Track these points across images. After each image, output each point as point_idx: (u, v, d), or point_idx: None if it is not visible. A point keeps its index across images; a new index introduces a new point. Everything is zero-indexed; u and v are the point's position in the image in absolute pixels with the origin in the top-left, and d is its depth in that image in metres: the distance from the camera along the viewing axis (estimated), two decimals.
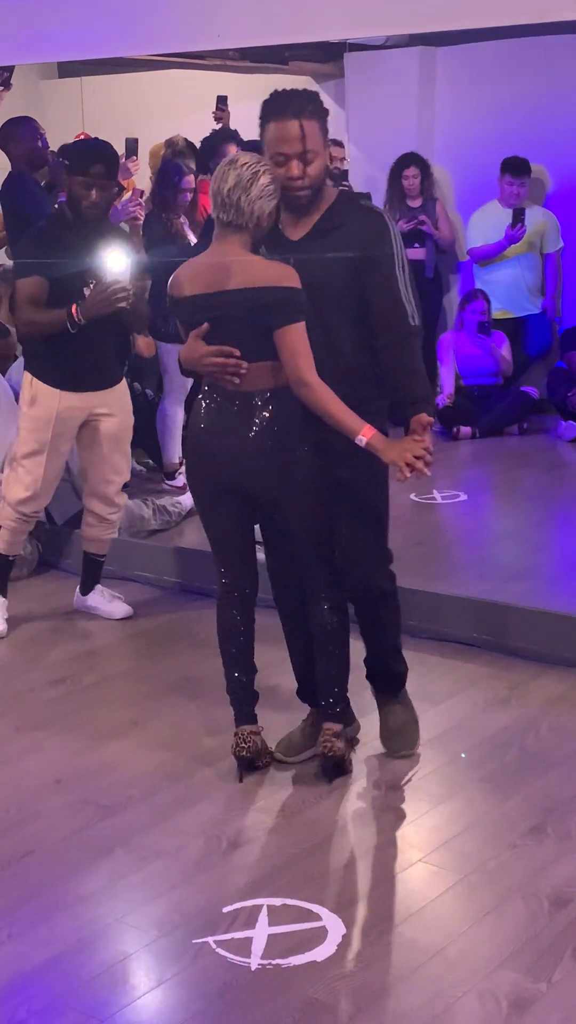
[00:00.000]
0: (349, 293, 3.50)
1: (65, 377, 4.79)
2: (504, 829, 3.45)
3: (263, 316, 3.40)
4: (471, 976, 2.83)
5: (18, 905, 3.15)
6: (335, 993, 2.80)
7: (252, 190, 3.38)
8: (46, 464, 4.87)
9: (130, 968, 2.90)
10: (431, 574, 5.29)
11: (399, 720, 3.93)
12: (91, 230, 4.70)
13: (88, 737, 4.08)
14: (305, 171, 3.45)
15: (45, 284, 4.67)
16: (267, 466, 3.50)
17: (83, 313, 4.61)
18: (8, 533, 5.01)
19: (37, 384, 4.84)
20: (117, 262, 4.62)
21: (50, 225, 4.88)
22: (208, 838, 3.44)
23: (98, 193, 4.67)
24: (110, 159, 4.75)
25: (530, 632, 4.61)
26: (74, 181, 4.70)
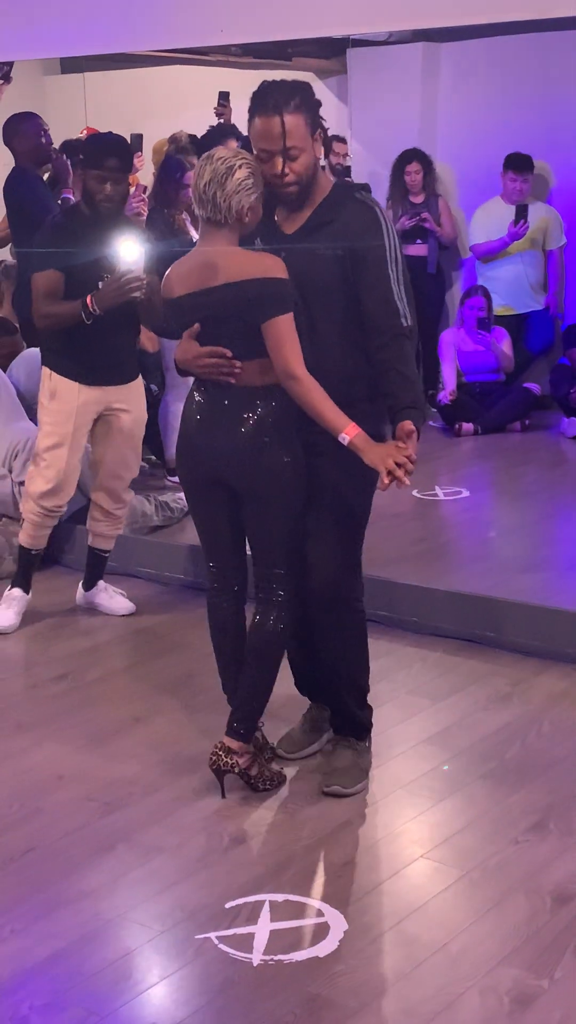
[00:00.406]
0: (337, 289, 3.43)
1: (84, 371, 4.80)
2: (506, 825, 3.45)
3: (250, 309, 3.36)
4: (473, 972, 2.83)
5: (20, 901, 3.16)
6: (337, 989, 2.80)
7: (227, 185, 3.33)
8: (67, 457, 4.86)
9: (132, 964, 2.91)
10: (433, 570, 5.30)
11: (344, 761, 3.72)
12: (106, 224, 4.68)
13: (90, 733, 4.09)
14: (289, 167, 3.37)
15: (61, 277, 4.67)
16: (254, 463, 3.46)
17: (98, 303, 4.59)
18: (31, 527, 4.99)
19: (57, 378, 4.84)
20: (131, 252, 4.59)
21: (65, 219, 4.87)
22: (210, 834, 3.44)
23: (112, 187, 4.65)
24: (124, 153, 4.74)
25: (532, 628, 4.61)
26: (88, 175, 4.69)
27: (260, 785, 3.65)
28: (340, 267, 3.42)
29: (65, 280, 4.68)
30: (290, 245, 3.46)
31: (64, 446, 4.85)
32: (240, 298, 3.35)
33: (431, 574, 5.18)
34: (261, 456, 3.46)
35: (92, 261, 4.65)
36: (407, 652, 4.64)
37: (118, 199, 4.72)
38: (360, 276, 3.41)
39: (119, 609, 5.14)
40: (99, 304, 4.59)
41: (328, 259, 3.42)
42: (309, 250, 3.42)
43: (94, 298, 4.59)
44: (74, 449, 4.88)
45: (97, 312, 4.60)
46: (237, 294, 3.35)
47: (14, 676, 4.57)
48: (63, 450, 4.85)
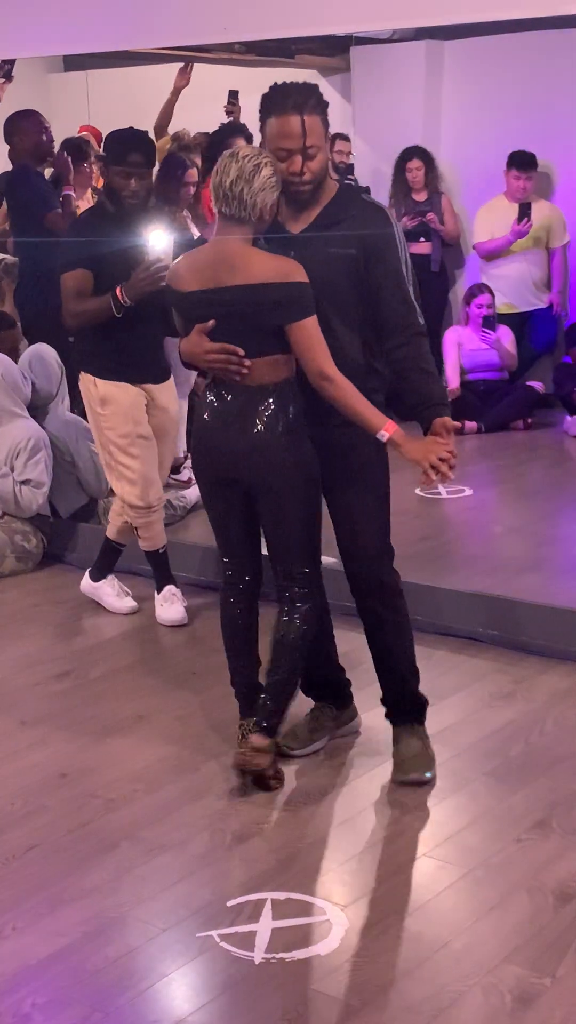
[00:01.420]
0: (349, 287, 3.46)
1: (124, 369, 4.77)
2: (509, 824, 3.45)
3: (270, 312, 3.38)
4: (476, 970, 2.83)
5: (24, 898, 3.16)
6: (339, 987, 2.80)
7: (255, 182, 3.36)
8: (140, 452, 4.82)
9: (135, 961, 2.91)
10: (436, 569, 5.29)
11: (412, 749, 3.74)
12: (133, 220, 4.66)
13: (94, 731, 4.09)
14: (307, 166, 3.42)
15: (89, 276, 4.64)
16: (269, 460, 3.49)
17: (127, 294, 4.55)
18: (144, 531, 4.95)
19: (102, 383, 4.80)
20: (159, 240, 4.57)
21: (91, 217, 4.87)
22: (213, 832, 3.44)
23: (137, 182, 4.63)
24: (148, 147, 4.72)
25: (536, 627, 4.61)
26: (112, 171, 4.67)
27: (273, 784, 3.65)
28: (354, 266, 3.46)
29: (95, 278, 4.64)
30: (298, 245, 3.49)
31: (133, 445, 4.81)
32: (260, 300, 3.38)
33: (434, 572, 5.18)
34: (275, 453, 3.48)
35: (120, 257, 4.60)
36: None
37: (143, 194, 4.69)
38: (376, 275, 3.46)
39: (121, 609, 5.12)
40: (129, 294, 4.56)
41: (341, 258, 3.46)
42: (321, 249, 3.45)
43: (124, 289, 4.56)
44: (143, 444, 4.83)
45: (127, 303, 4.56)
46: (256, 296, 3.38)
47: (17, 673, 4.57)
48: (134, 449, 4.81)
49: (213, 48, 7.41)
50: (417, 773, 3.68)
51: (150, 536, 4.97)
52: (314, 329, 3.38)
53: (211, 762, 3.82)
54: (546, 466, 7.29)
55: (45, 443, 5.66)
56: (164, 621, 4.97)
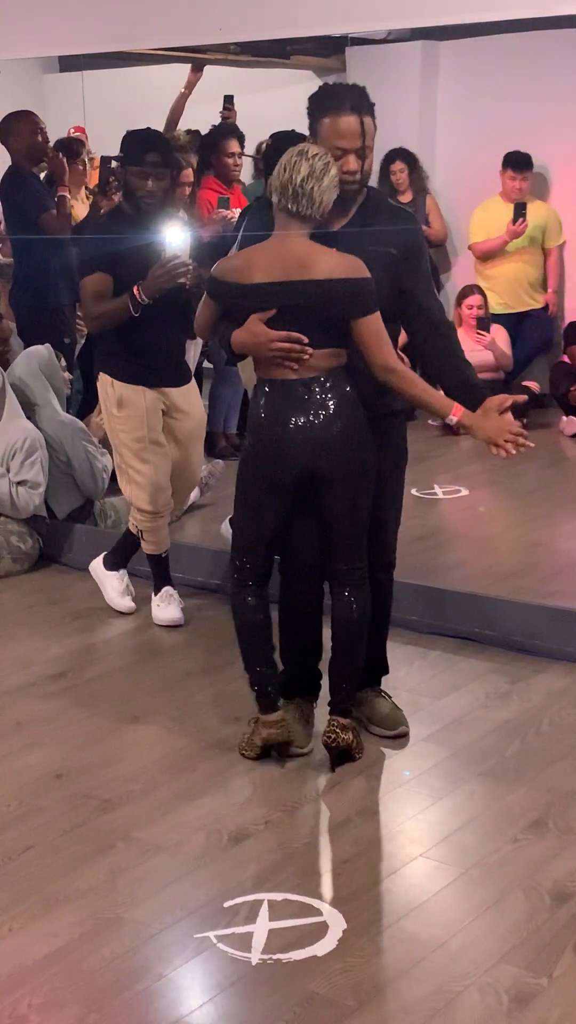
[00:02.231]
0: (386, 284, 3.57)
1: (145, 373, 4.76)
2: (505, 824, 3.45)
3: (339, 307, 3.49)
4: (472, 970, 2.83)
5: (19, 899, 3.15)
6: (336, 987, 2.80)
7: (324, 180, 3.47)
8: (152, 458, 4.82)
9: (131, 962, 2.90)
10: (432, 569, 5.29)
11: (387, 706, 4.03)
12: (151, 222, 4.65)
13: (89, 731, 4.08)
14: (360, 166, 3.57)
15: (109, 279, 4.63)
16: (336, 447, 3.58)
17: (145, 291, 4.55)
18: (148, 535, 4.95)
19: (120, 386, 4.78)
20: (176, 237, 4.57)
21: (109, 220, 4.86)
22: (209, 833, 3.44)
23: (154, 182, 4.63)
24: (165, 147, 4.72)
25: (531, 627, 4.61)
26: (129, 172, 4.66)
27: (357, 755, 3.80)
28: (393, 264, 3.60)
29: (114, 281, 4.63)
30: (349, 232, 3.63)
31: (146, 449, 4.81)
32: (329, 295, 3.48)
33: (430, 572, 5.18)
34: (346, 439, 3.59)
35: (139, 259, 4.59)
36: (406, 650, 4.64)
37: (160, 194, 4.68)
38: (411, 273, 3.65)
39: (120, 606, 5.11)
40: (146, 292, 4.55)
41: (381, 256, 3.59)
42: (362, 246, 3.57)
43: (141, 287, 4.55)
44: (155, 451, 4.82)
45: (144, 300, 4.56)
46: (326, 290, 3.48)
47: (12, 674, 4.57)
48: (146, 453, 4.81)
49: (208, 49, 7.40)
50: (403, 726, 3.96)
51: (155, 541, 4.97)
52: (378, 324, 3.51)
53: (207, 763, 3.81)
54: (542, 466, 7.28)
55: (41, 444, 5.65)
56: (161, 621, 4.96)
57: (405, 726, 3.97)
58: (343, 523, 3.68)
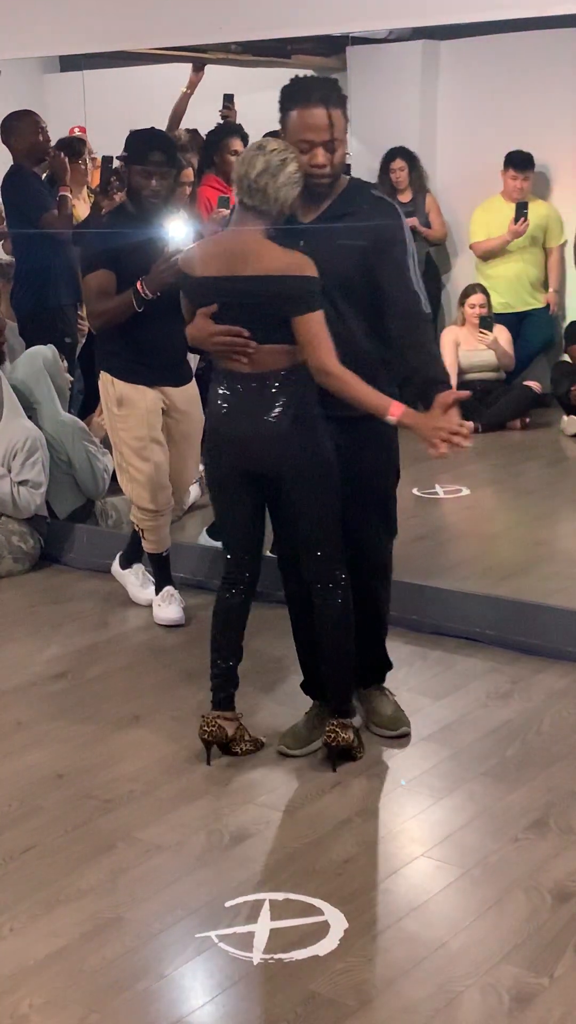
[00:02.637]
0: (358, 278, 3.54)
1: (145, 372, 4.78)
2: (506, 823, 3.44)
3: (280, 304, 3.44)
4: (473, 970, 2.83)
5: (20, 899, 3.15)
6: (337, 987, 2.79)
7: (280, 177, 3.42)
8: (152, 456, 4.83)
9: (132, 962, 2.90)
10: (433, 569, 5.29)
11: (391, 706, 4.01)
12: (154, 221, 4.66)
13: (90, 731, 4.08)
14: (329, 159, 3.51)
15: (112, 277, 4.65)
16: (286, 447, 3.53)
17: (148, 286, 4.55)
18: (149, 534, 4.97)
19: (120, 384, 4.80)
20: (179, 231, 4.57)
21: (112, 219, 4.88)
22: (210, 833, 3.44)
23: (158, 181, 4.64)
24: (169, 147, 4.73)
25: (532, 627, 4.61)
26: (133, 171, 4.67)
27: (358, 754, 3.80)
28: (363, 257, 3.54)
29: (118, 279, 4.64)
30: (309, 235, 3.56)
31: (146, 448, 4.82)
32: (268, 291, 3.44)
33: (431, 572, 5.17)
34: (286, 441, 3.53)
35: (142, 257, 4.60)
36: (407, 650, 4.64)
37: (164, 194, 4.70)
38: (382, 265, 3.54)
39: (140, 599, 5.15)
40: (150, 287, 4.56)
41: (351, 249, 3.53)
42: (331, 240, 3.53)
43: (144, 281, 4.56)
44: (155, 449, 4.83)
45: (148, 295, 4.56)
46: (265, 287, 3.44)
47: (14, 674, 4.57)
48: (146, 452, 4.82)
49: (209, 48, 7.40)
50: (405, 726, 3.95)
51: (156, 539, 4.98)
52: (318, 324, 3.43)
53: (207, 763, 3.81)
54: (543, 465, 7.29)
55: (42, 443, 5.66)
56: (162, 621, 4.96)
57: (407, 727, 3.97)
58: (301, 524, 3.64)
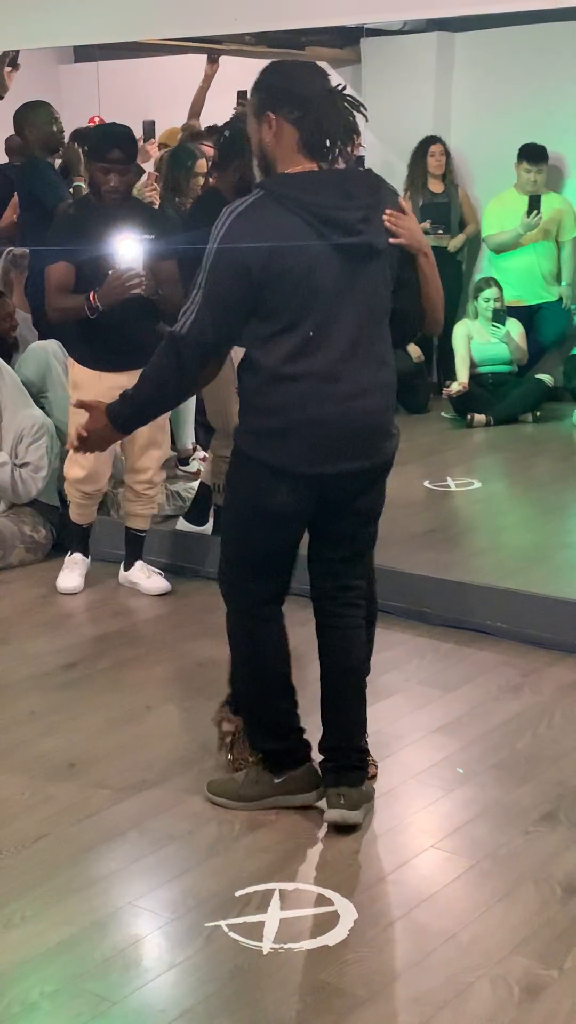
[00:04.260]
0: None
1: (103, 357, 4.88)
2: (517, 816, 3.45)
3: None
4: (483, 962, 2.84)
5: (32, 887, 3.17)
6: (347, 977, 2.80)
7: None
8: None
9: (143, 951, 2.91)
10: (444, 561, 5.29)
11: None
12: (116, 213, 4.75)
13: (102, 721, 4.09)
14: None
15: (71, 269, 4.77)
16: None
17: (100, 300, 4.70)
18: (75, 507, 5.24)
19: (78, 368, 4.96)
20: (130, 249, 4.67)
21: (76, 211, 4.98)
22: (221, 822, 3.45)
23: (117, 178, 4.74)
24: (128, 143, 4.80)
25: (544, 620, 4.61)
26: (93, 167, 4.77)
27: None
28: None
29: (77, 271, 4.77)
30: None
31: None
32: None
33: (443, 564, 5.18)
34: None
35: (102, 251, 4.70)
36: (418, 642, 4.65)
37: (124, 189, 4.80)
38: None
39: (154, 589, 5.21)
40: (101, 300, 4.71)
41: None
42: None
43: (97, 295, 4.70)
44: None
45: (99, 308, 4.71)
46: None
47: (25, 664, 4.58)
48: None
49: (223, 39, 7.41)
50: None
51: (80, 514, 5.26)
52: None
53: (218, 753, 3.82)
54: (555, 459, 7.28)
55: (49, 430, 5.67)
56: (63, 590, 5.22)
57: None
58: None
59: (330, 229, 3.11)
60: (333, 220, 3.11)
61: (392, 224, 3.21)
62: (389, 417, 3.30)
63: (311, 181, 3.16)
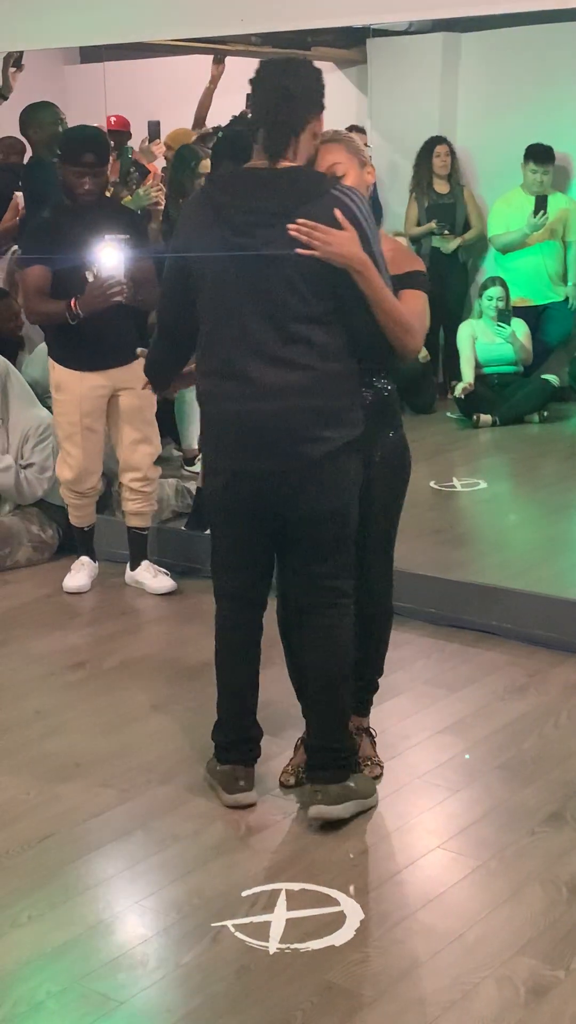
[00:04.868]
0: None
1: (82, 357, 4.93)
2: (523, 816, 3.45)
3: None
4: (489, 962, 2.83)
5: (37, 887, 3.17)
6: (353, 978, 2.80)
7: None
8: (83, 444, 5.03)
9: (149, 951, 2.92)
10: (450, 561, 5.29)
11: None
12: (91, 214, 4.80)
13: (108, 721, 4.10)
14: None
15: (48, 273, 4.82)
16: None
17: (81, 307, 4.76)
18: (73, 509, 5.27)
19: (59, 370, 4.99)
20: (111, 257, 4.72)
21: (52, 213, 5.00)
22: (227, 822, 3.45)
23: (91, 181, 4.80)
24: (100, 146, 4.88)
25: (549, 620, 4.61)
26: (67, 171, 4.84)
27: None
28: None
29: (53, 274, 4.81)
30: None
31: (78, 434, 5.01)
32: None
33: (449, 565, 5.18)
34: None
35: (79, 255, 4.76)
36: (424, 642, 4.64)
37: (98, 191, 4.86)
38: None
39: (160, 588, 5.22)
40: (82, 308, 4.76)
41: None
42: None
43: (78, 302, 4.74)
44: (88, 435, 5.03)
45: (80, 315, 4.75)
46: None
47: (32, 664, 4.59)
48: (77, 437, 5.02)
49: (229, 40, 7.40)
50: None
51: (79, 515, 5.28)
52: None
53: None
54: (561, 459, 7.28)
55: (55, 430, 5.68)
56: (69, 588, 5.23)
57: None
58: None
59: (227, 229, 3.17)
60: (231, 220, 3.16)
61: (298, 235, 3.09)
62: (306, 420, 3.21)
63: (239, 178, 3.26)
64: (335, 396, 3.25)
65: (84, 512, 5.27)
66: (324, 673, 3.42)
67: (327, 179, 3.23)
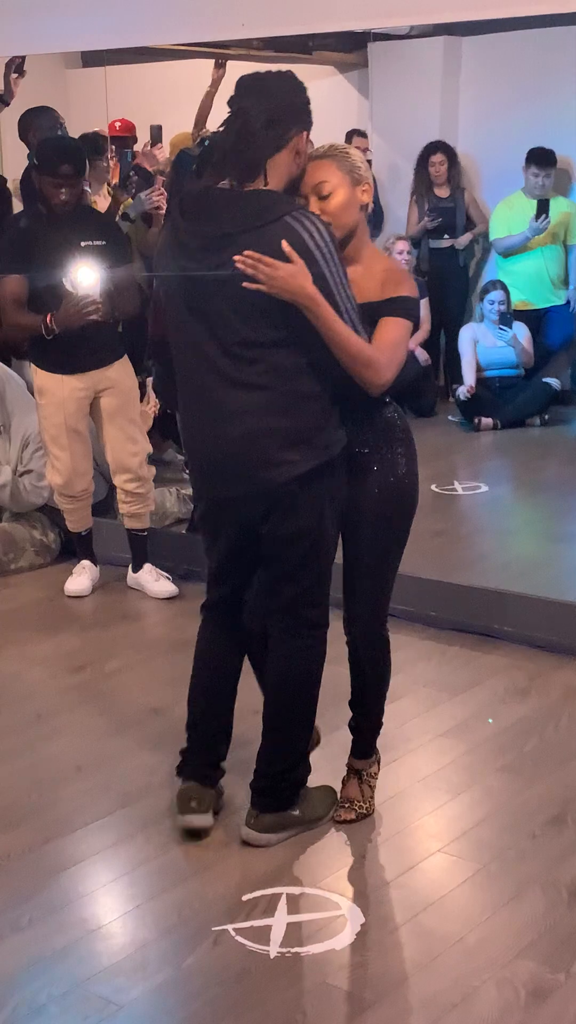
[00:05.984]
0: None
1: (61, 361, 4.96)
2: (523, 819, 3.45)
3: None
4: (490, 965, 2.83)
5: (38, 891, 3.17)
6: (353, 981, 2.81)
7: None
8: (70, 446, 5.07)
9: (149, 954, 2.92)
10: (451, 564, 5.30)
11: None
12: (67, 223, 4.85)
13: (109, 724, 4.10)
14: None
15: (24, 283, 4.86)
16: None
17: (57, 324, 4.80)
18: (67, 514, 5.30)
19: (41, 374, 5.04)
20: (87, 277, 4.76)
21: (29, 222, 5.03)
22: (227, 826, 3.45)
23: (68, 191, 4.84)
24: (77, 158, 4.91)
25: (550, 623, 4.61)
26: (44, 181, 4.87)
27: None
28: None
29: (30, 283, 4.84)
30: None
31: (63, 437, 5.05)
32: None
33: (449, 567, 5.18)
34: None
35: (53, 264, 4.80)
36: (425, 646, 4.65)
37: (74, 201, 4.89)
38: None
39: (161, 592, 5.23)
40: (58, 324, 4.80)
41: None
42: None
43: (54, 318, 4.79)
44: (74, 437, 5.07)
45: (56, 331, 4.79)
46: None
47: (33, 666, 4.59)
48: (63, 440, 5.06)
49: (231, 44, 7.41)
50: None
51: (74, 519, 5.29)
52: None
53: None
54: (562, 462, 7.28)
55: None
56: (71, 592, 5.25)
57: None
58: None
59: (179, 251, 3.09)
60: (183, 243, 3.09)
61: (243, 267, 2.95)
62: (270, 444, 3.09)
63: (203, 198, 3.12)
64: (299, 416, 3.09)
65: (79, 516, 5.28)
66: (276, 701, 3.35)
67: (285, 204, 3.02)
